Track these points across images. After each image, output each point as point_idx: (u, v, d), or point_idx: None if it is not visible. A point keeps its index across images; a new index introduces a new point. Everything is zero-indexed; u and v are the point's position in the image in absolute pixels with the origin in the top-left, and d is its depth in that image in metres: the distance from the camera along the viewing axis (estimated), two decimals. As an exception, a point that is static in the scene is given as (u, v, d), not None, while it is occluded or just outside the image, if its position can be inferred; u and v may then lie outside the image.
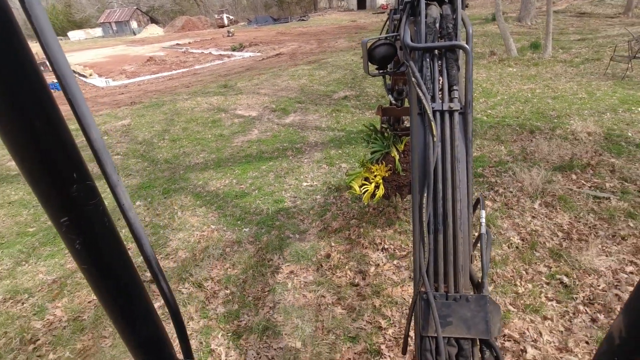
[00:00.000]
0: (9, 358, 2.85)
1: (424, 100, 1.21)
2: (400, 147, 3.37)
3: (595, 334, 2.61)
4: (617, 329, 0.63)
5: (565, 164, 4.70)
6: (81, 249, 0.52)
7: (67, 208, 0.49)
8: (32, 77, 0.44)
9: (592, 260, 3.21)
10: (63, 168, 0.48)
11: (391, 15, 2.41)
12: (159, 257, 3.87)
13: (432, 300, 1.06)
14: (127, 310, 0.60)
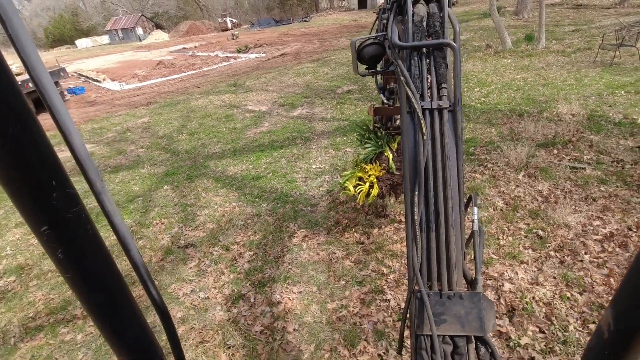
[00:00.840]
0: (70, 312, 3.45)
1: (413, 98, 1.22)
2: (393, 146, 3.39)
3: (562, 272, 3.14)
4: (606, 322, 0.62)
5: (548, 141, 5.21)
6: (64, 257, 0.50)
7: (48, 217, 0.48)
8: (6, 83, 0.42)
9: (565, 217, 3.73)
10: (41, 176, 0.46)
11: (380, 15, 2.45)
12: (189, 230, 4.46)
13: (426, 298, 1.05)
14: (113, 317, 0.59)
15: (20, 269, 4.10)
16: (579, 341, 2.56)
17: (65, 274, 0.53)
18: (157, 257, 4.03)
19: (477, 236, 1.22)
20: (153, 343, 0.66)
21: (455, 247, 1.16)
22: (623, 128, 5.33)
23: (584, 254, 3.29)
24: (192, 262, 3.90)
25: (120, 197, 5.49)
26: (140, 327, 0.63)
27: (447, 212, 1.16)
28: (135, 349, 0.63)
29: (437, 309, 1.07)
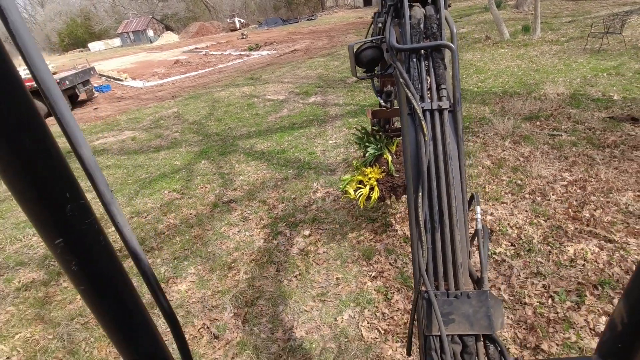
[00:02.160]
0: (151, 241, 4.41)
1: (413, 100, 1.23)
2: (392, 148, 3.40)
3: (532, 207, 3.98)
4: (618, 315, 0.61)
5: (532, 115, 6.04)
6: (78, 270, 0.50)
7: (62, 229, 0.47)
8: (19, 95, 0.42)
9: (540, 171, 4.57)
10: (55, 188, 0.46)
11: (375, 19, 2.46)
12: (229, 191, 5.39)
13: (434, 298, 1.06)
14: (126, 329, 0.59)
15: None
16: (539, 250, 3.41)
17: (79, 287, 0.52)
18: (207, 210, 4.97)
19: (481, 234, 1.23)
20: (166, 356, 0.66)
21: (461, 246, 1.16)
22: (599, 103, 6.13)
23: (552, 195, 4.14)
24: (235, 212, 4.83)
25: (166, 170, 6.45)
26: (154, 340, 0.63)
27: (451, 212, 1.17)
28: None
29: (444, 309, 1.07)
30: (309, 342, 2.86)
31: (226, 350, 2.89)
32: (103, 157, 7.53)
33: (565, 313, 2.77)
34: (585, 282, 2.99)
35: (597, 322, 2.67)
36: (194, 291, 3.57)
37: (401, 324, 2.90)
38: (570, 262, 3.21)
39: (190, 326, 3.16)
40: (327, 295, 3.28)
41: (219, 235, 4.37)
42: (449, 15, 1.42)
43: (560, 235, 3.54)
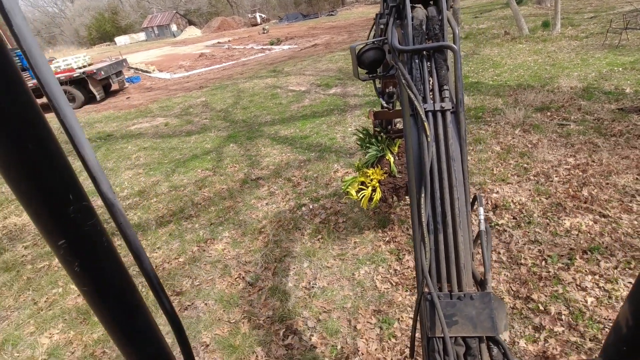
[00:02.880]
0: (189, 210, 4.97)
1: (416, 101, 1.23)
2: (394, 149, 3.39)
3: (535, 187, 4.34)
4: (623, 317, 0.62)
5: (544, 106, 6.33)
6: (80, 271, 0.50)
7: (64, 230, 0.48)
8: (22, 98, 0.42)
9: (546, 156, 4.91)
10: (58, 190, 0.47)
11: (377, 20, 2.47)
12: (257, 169, 5.91)
13: (437, 300, 1.06)
14: (130, 330, 0.60)
15: (141, 192, 5.69)
16: (538, 222, 3.79)
17: (82, 287, 0.53)
18: (237, 185, 5.51)
19: (484, 236, 1.21)
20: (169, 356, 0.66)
21: (464, 248, 1.16)
22: (611, 96, 6.36)
23: (555, 177, 4.48)
24: (263, 188, 5.34)
25: (198, 151, 7.04)
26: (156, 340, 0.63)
27: (454, 213, 1.17)
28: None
29: (448, 311, 1.07)
30: (330, 290, 3.34)
31: (260, 294, 3.40)
32: (140, 139, 8.20)
33: (555, 272, 3.16)
34: (577, 248, 3.36)
35: (582, 279, 3.05)
36: (229, 250, 4.10)
37: (410, 278, 3.35)
38: (566, 233, 3.58)
39: (227, 276, 3.69)
40: (346, 255, 3.75)
41: (249, 207, 4.89)
42: (451, 16, 1.42)
43: (559, 210, 3.90)
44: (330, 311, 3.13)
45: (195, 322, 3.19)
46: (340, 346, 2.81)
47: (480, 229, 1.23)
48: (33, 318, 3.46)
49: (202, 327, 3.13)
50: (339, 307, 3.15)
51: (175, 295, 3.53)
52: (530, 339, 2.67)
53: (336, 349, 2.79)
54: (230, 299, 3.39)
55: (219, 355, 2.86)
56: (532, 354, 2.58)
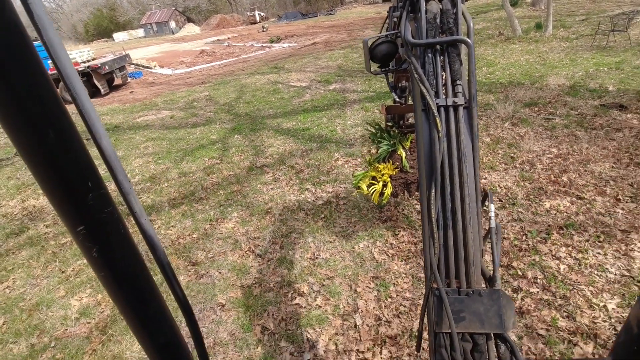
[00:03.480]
0: (199, 193, 5.32)
1: (428, 96, 1.21)
2: (406, 144, 3.39)
3: (521, 174, 4.72)
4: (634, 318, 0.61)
5: (532, 102, 6.73)
6: (98, 256, 0.53)
7: (83, 217, 0.50)
8: (44, 87, 0.43)
9: (531, 146, 5.30)
10: (78, 178, 0.48)
11: (390, 13, 2.46)
12: (262, 158, 6.26)
13: (445, 296, 1.06)
14: (144, 316, 0.61)
15: (152, 178, 6.03)
16: (522, 204, 4.17)
17: (99, 273, 0.55)
18: (244, 172, 5.86)
19: (494, 233, 1.22)
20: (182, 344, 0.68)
21: (473, 244, 1.15)
22: (595, 93, 6.78)
23: (538, 165, 4.88)
24: (268, 174, 5.70)
25: (204, 142, 7.38)
26: (170, 327, 0.65)
27: (464, 209, 1.16)
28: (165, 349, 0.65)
29: (455, 307, 1.07)
30: (332, 261, 3.71)
31: (269, 264, 3.76)
32: (147, 130, 8.53)
33: (534, 244, 3.55)
34: (554, 225, 3.75)
35: (557, 250, 3.43)
36: (239, 228, 4.45)
37: (405, 250, 3.72)
38: (545, 212, 3.97)
39: (238, 250, 4.04)
40: (346, 232, 4.12)
41: (255, 191, 5.25)
42: (465, 10, 1.40)
43: (541, 194, 4.29)
44: (332, 278, 3.49)
45: (211, 287, 3.55)
46: (342, 305, 3.17)
47: (490, 226, 1.22)
48: (62, 284, 3.80)
49: (217, 291, 3.49)
50: (340, 275, 3.52)
51: (192, 265, 3.88)
52: (509, 298, 3.04)
53: (339, 308, 3.16)
54: (242, 267, 3.75)
55: (234, 313, 3.22)
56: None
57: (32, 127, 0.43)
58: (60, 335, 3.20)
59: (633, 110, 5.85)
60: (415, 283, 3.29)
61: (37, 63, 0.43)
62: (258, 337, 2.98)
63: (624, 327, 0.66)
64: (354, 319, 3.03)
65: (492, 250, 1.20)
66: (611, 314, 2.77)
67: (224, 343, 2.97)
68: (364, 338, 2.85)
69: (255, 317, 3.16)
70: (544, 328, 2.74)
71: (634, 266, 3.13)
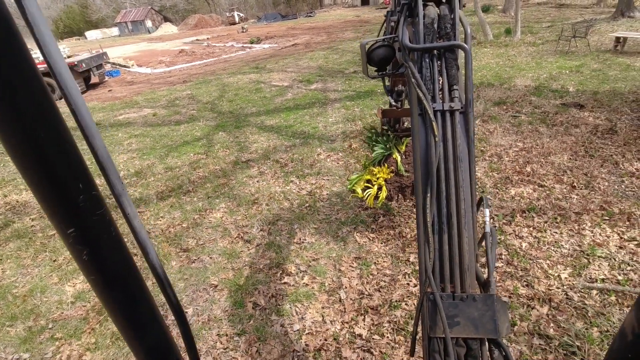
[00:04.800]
0: (187, 186, 5.47)
1: (425, 100, 1.21)
2: (401, 148, 3.40)
3: (489, 165, 5.13)
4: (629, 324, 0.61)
5: (501, 101, 7.22)
6: (88, 259, 0.51)
7: (74, 219, 0.49)
8: (35, 86, 0.42)
9: (499, 140, 5.74)
10: (69, 179, 0.47)
11: (388, 17, 2.45)
12: (246, 154, 6.45)
13: (439, 300, 1.05)
14: (134, 319, 0.60)
15: (137, 173, 6.12)
16: (490, 192, 4.56)
17: (89, 276, 0.53)
18: (229, 166, 6.04)
19: (489, 238, 1.22)
20: (171, 346, 0.67)
21: (468, 249, 1.15)
22: (557, 93, 7.34)
23: (505, 157, 5.30)
24: (253, 168, 5.90)
25: (188, 138, 7.49)
26: (160, 330, 0.64)
27: (460, 214, 1.16)
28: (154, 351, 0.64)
29: (450, 311, 1.07)
30: (317, 245, 3.96)
31: (257, 249, 3.98)
32: (130, 128, 8.55)
33: (500, 226, 3.92)
34: (518, 209, 4.14)
35: (520, 231, 3.82)
36: (227, 217, 4.65)
37: (384, 234, 4.02)
38: (511, 199, 4.37)
39: (228, 237, 4.24)
40: (330, 219, 4.38)
41: (242, 184, 5.45)
42: (463, 15, 1.41)
43: (507, 182, 4.69)
44: (318, 259, 3.75)
45: (203, 271, 3.73)
46: (328, 283, 3.44)
47: (485, 231, 1.23)
48: (55, 272, 3.89)
49: (209, 274, 3.68)
50: (325, 256, 3.78)
51: (183, 251, 4.05)
52: (477, 273, 3.39)
53: (324, 285, 3.42)
54: (232, 252, 3.96)
55: (226, 292, 3.43)
56: (478, 282, 3.31)
57: (21, 126, 0.42)
58: (57, 318, 3.31)
59: (589, 109, 6.41)
60: (395, 262, 3.59)
61: (27, 59, 0.42)
62: (250, 313, 3.20)
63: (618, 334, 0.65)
64: (339, 294, 3.30)
65: (487, 255, 1.20)
66: (564, 282, 3.15)
67: (218, 319, 3.17)
68: (348, 310, 3.12)
69: (246, 295, 3.37)
70: (507, 295, 3.09)
71: (584, 242, 3.54)
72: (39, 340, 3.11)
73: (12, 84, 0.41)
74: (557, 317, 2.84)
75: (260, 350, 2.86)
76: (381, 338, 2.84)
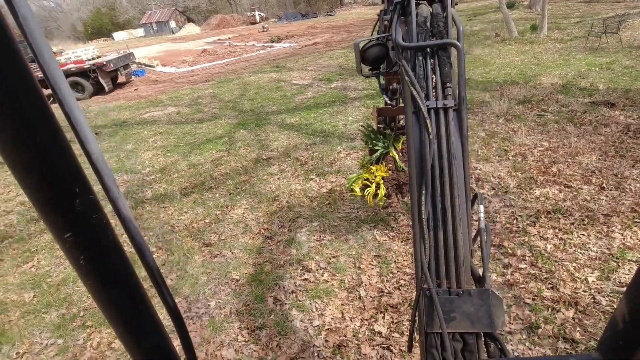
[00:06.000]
0: (209, 183, 5.60)
1: (418, 98, 1.23)
2: (398, 146, 3.46)
3: (513, 165, 5.02)
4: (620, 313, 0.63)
5: (526, 99, 7.05)
6: (86, 264, 0.50)
7: (71, 223, 0.48)
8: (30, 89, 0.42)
9: (524, 140, 5.61)
10: (65, 183, 0.47)
11: (381, 16, 2.48)
12: (267, 151, 6.54)
13: (435, 296, 1.07)
14: (133, 324, 0.60)
15: (162, 170, 6.30)
16: (513, 192, 4.47)
17: (86, 281, 0.52)
18: (250, 164, 6.14)
19: (484, 234, 1.23)
20: (171, 351, 0.67)
21: (463, 245, 1.17)
22: (585, 92, 7.10)
23: (530, 157, 5.18)
24: (274, 166, 5.98)
25: (211, 136, 7.65)
26: (159, 335, 0.64)
27: (454, 211, 1.17)
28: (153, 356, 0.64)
29: (446, 307, 1.09)
30: (337, 242, 3.99)
31: (278, 245, 4.04)
32: (155, 126, 8.80)
33: (524, 227, 3.84)
34: (543, 210, 4.04)
35: (545, 232, 3.73)
36: (248, 214, 4.73)
37: (405, 232, 4.00)
38: (535, 199, 4.27)
39: (249, 233, 4.32)
40: (350, 217, 4.40)
41: (262, 181, 5.53)
42: (455, 13, 1.42)
43: (531, 183, 4.59)
44: (338, 256, 3.78)
45: (225, 265, 3.82)
46: (347, 280, 3.46)
47: (479, 227, 1.25)
48: (85, 263, 4.06)
49: (231, 268, 3.76)
50: (345, 254, 3.80)
51: (205, 246, 4.16)
52: (499, 273, 3.34)
53: (344, 282, 3.44)
54: (253, 248, 4.03)
55: (247, 287, 3.50)
56: (500, 283, 3.26)
57: (16, 130, 0.41)
58: (88, 307, 3.47)
59: (620, 107, 6.17)
60: (414, 260, 3.57)
61: (21, 63, 0.41)
62: (270, 307, 3.26)
63: (609, 323, 0.67)
64: (359, 291, 3.32)
65: (482, 250, 1.22)
66: (591, 285, 3.06)
67: (239, 312, 3.25)
68: (367, 307, 3.14)
69: (267, 290, 3.44)
70: (531, 297, 3.04)
71: (613, 245, 3.43)
72: (71, 327, 3.27)
73: (6, 88, 0.40)
74: (584, 321, 2.77)
75: (280, 345, 2.92)
76: (401, 336, 2.85)
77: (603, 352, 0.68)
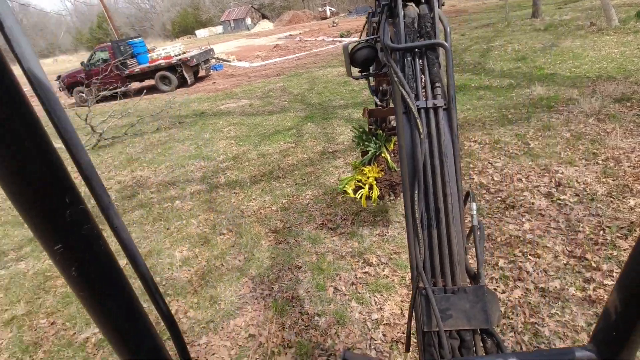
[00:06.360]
0: (277, 172, 5.87)
1: (408, 98, 1.24)
2: (390, 146, 3.45)
3: (603, 170, 4.52)
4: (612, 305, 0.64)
5: (624, 97, 6.24)
6: (77, 275, 0.49)
7: (61, 235, 0.47)
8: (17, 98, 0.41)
9: (618, 143, 5.00)
10: (54, 193, 0.46)
11: (369, 18, 2.50)
12: (333, 144, 6.64)
13: (431, 295, 1.09)
14: (127, 334, 0.59)
15: (234, 158, 6.74)
16: (602, 200, 4.03)
17: (79, 293, 0.52)
18: (316, 156, 6.30)
19: (477, 231, 1.24)
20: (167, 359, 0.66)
21: (457, 243, 1.18)
22: None
23: (625, 162, 4.61)
24: (339, 159, 6.07)
25: (280, 128, 7.98)
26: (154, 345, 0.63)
27: (447, 209, 1.18)
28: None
29: (442, 305, 1.10)
30: (399, 238, 3.95)
31: (340, 237, 4.13)
32: (229, 117, 9.42)
33: (612, 239, 3.46)
34: (638, 222, 3.60)
35: (639, 246, 3.32)
36: (312, 204, 4.88)
37: (471, 235, 3.84)
38: (629, 210, 3.81)
39: (313, 222, 4.47)
40: (413, 215, 4.33)
41: (327, 173, 5.65)
42: (442, 13, 1.44)
43: (625, 191, 4.09)
44: (399, 253, 3.75)
45: (289, 252, 4.01)
46: (408, 278, 3.43)
47: (472, 224, 1.25)
48: (167, 239, 4.54)
49: (294, 255, 3.94)
50: (406, 251, 3.75)
51: (272, 232, 4.39)
52: (579, 287, 3.06)
53: (404, 279, 3.42)
54: (316, 237, 4.17)
55: (309, 275, 3.64)
56: (579, 298, 2.99)
57: (2, 140, 0.40)
58: (168, 277, 3.88)
59: None
60: (481, 264, 3.42)
61: (4, 68, 0.40)
62: (330, 296, 3.36)
63: (602, 315, 0.67)
64: (419, 289, 3.27)
65: (476, 248, 1.22)
66: (694, 311, 2.68)
67: (300, 298, 3.39)
68: (428, 306, 3.08)
69: (328, 279, 3.54)
70: (616, 316, 2.74)
71: None
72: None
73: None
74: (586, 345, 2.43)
75: (338, 333, 3.00)
76: (462, 339, 2.76)
77: (596, 343, 0.69)
